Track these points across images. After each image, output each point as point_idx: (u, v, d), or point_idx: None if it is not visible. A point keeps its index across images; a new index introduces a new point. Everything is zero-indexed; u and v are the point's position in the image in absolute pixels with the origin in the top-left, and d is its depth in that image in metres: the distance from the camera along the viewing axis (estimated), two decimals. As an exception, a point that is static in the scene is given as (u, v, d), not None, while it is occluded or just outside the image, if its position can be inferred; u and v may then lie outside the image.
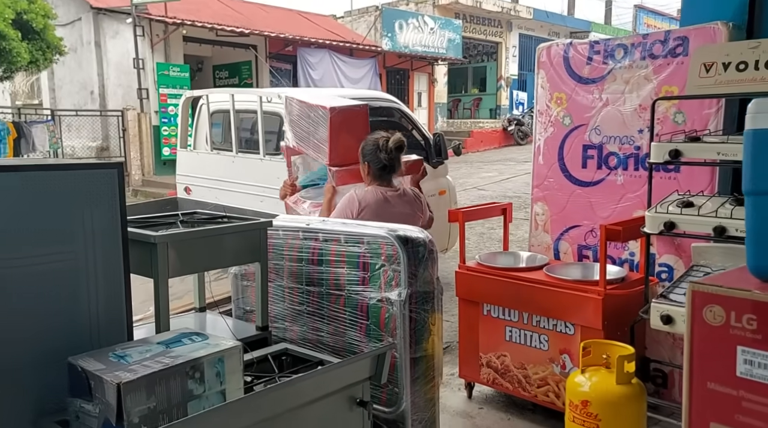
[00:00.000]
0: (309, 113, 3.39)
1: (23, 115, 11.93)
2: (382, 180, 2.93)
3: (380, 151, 2.87)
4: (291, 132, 3.63)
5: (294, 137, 3.60)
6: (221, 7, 16.35)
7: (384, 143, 2.87)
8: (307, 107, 3.44)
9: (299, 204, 3.67)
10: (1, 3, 8.79)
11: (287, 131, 3.71)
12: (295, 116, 3.58)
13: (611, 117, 3.29)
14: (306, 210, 3.58)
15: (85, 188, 1.66)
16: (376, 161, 2.89)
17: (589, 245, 3.48)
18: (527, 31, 22.49)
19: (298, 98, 3.60)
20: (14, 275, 1.56)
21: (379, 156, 2.88)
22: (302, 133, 3.54)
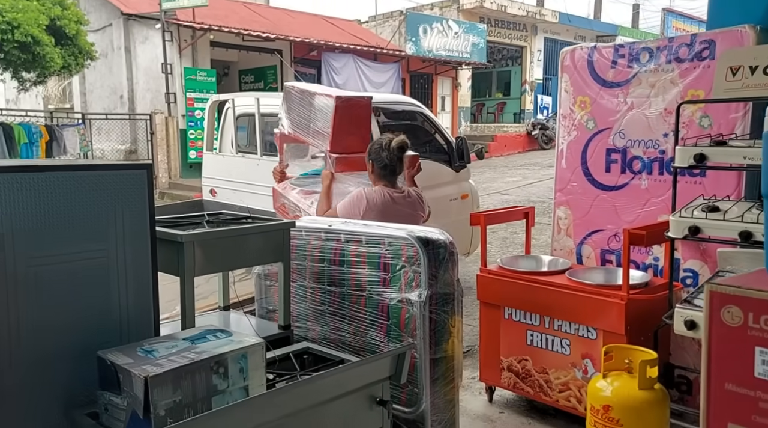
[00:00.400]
0: (312, 101, 3.51)
1: (55, 118, 12.24)
2: (386, 180, 3.03)
3: (383, 150, 2.99)
4: (287, 119, 3.74)
5: (291, 124, 3.71)
6: (248, 13, 16.59)
7: (387, 143, 2.98)
8: (309, 95, 3.54)
9: (288, 191, 3.78)
10: (35, 10, 9.05)
11: (283, 118, 3.82)
12: (294, 105, 3.69)
13: (636, 121, 3.27)
14: (295, 197, 3.70)
15: (116, 188, 1.72)
16: (379, 160, 3.00)
17: (612, 250, 3.45)
18: (552, 35, 22.34)
19: (300, 87, 3.72)
20: (49, 272, 1.62)
21: (381, 155, 2.99)
22: (301, 120, 3.64)
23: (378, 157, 3.01)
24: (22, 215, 1.54)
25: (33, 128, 11.18)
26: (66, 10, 9.89)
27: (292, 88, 3.79)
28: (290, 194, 3.69)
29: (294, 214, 3.65)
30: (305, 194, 3.60)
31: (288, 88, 3.85)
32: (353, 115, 3.37)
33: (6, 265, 1.54)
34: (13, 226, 1.53)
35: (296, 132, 3.69)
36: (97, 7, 14.62)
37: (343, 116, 3.30)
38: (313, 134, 3.52)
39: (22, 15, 8.62)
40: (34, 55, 9.18)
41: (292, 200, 3.71)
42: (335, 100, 3.29)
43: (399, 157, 3.01)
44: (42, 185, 1.56)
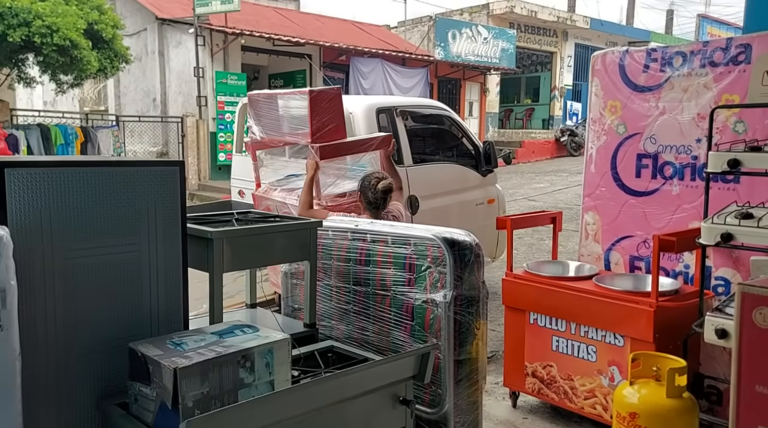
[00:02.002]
0: (282, 102, 3.72)
1: (90, 120, 12.55)
2: (370, 212, 3.44)
3: (370, 190, 3.41)
4: (258, 126, 3.92)
5: (263, 129, 3.89)
6: (279, 18, 16.80)
7: (375, 184, 3.42)
8: (278, 97, 3.76)
9: (270, 192, 3.98)
10: (74, 14, 9.31)
11: (252, 126, 3.99)
12: (263, 110, 3.88)
13: (668, 126, 3.22)
14: (279, 196, 3.88)
15: (149, 184, 1.76)
16: (366, 197, 3.44)
17: (641, 257, 3.40)
18: (583, 41, 22.09)
19: (266, 93, 3.96)
20: (85, 265, 1.66)
21: (368, 194, 3.43)
22: (274, 123, 3.82)
23: (366, 194, 3.45)
24: (59, 209, 1.59)
25: (69, 129, 11.49)
26: (103, 14, 10.14)
27: (257, 95, 4.01)
28: (273, 195, 3.90)
29: (281, 212, 3.80)
30: (288, 192, 3.85)
31: (253, 96, 4.06)
32: (327, 104, 3.58)
33: (44, 257, 1.60)
34: (52, 219, 1.58)
35: (270, 135, 3.89)
36: (133, 11, 14.97)
37: (317, 106, 3.53)
38: (290, 133, 3.74)
39: (61, 19, 8.88)
40: (71, 59, 9.43)
41: (277, 199, 3.89)
42: (308, 93, 3.53)
43: (383, 197, 3.44)
44: (79, 181, 1.61)
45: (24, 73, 10.31)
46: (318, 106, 3.54)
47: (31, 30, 8.75)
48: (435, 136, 5.60)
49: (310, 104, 3.51)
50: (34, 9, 8.70)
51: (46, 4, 8.89)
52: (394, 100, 5.14)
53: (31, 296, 1.57)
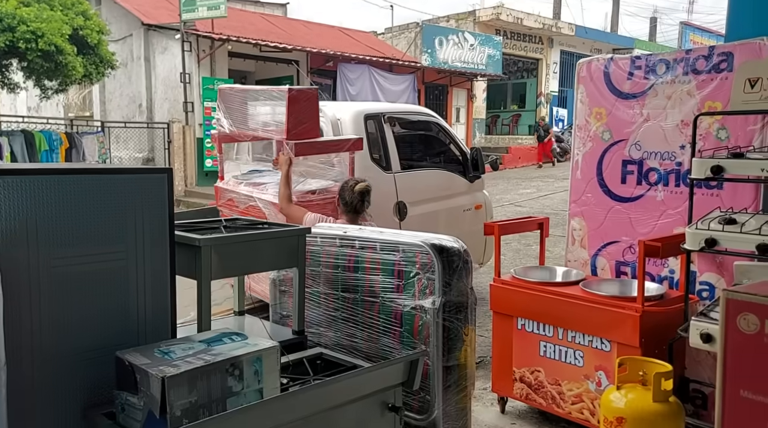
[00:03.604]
0: (259, 98, 3.84)
1: (75, 126, 12.44)
2: (348, 216, 3.50)
3: (347, 191, 3.50)
4: (228, 120, 4.03)
5: (233, 123, 4.01)
6: (266, 24, 16.80)
7: (353, 186, 3.51)
8: (254, 93, 3.90)
9: (235, 186, 4.08)
10: (59, 19, 9.23)
11: (222, 119, 4.11)
12: (234, 104, 3.99)
13: (652, 132, 3.26)
14: (245, 190, 3.99)
15: (136, 192, 1.75)
16: (343, 198, 3.51)
17: (627, 262, 3.43)
18: (569, 48, 22.32)
19: (241, 88, 4.10)
20: (70, 272, 1.65)
21: (345, 195, 3.50)
22: (246, 118, 3.93)
23: (343, 196, 3.53)
24: (45, 217, 1.58)
25: (53, 135, 11.38)
26: (89, 20, 10.08)
27: (230, 89, 4.13)
28: (239, 188, 4.01)
29: (246, 205, 3.97)
30: (253, 186, 3.98)
31: (225, 90, 4.18)
32: (304, 104, 3.68)
33: (30, 266, 1.58)
34: (37, 226, 1.57)
35: (241, 129, 4.00)
36: (119, 17, 14.89)
37: (295, 105, 3.63)
38: (264, 128, 3.84)
39: (46, 25, 8.80)
40: (56, 64, 9.35)
41: (242, 193, 3.99)
42: (288, 91, 3.60)
43: (360, 199, 3.50)
44: (64, 188, 1.60)
45: (7, 79, 10.20)
46: (296, 104, 3.64)
47: (15, 35, 8.67)
48: (423, 142, 5.62)
49: (288, 102, 3.62)
50: (18, 14, 8.62)
51: (30, 9, 8.82)
52: (382, 107, 5.16)
53: (16, 305, 1.56)
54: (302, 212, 3.57)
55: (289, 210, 3.60)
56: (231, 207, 4.15)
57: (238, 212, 4.09)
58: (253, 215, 3.92)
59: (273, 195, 3.83)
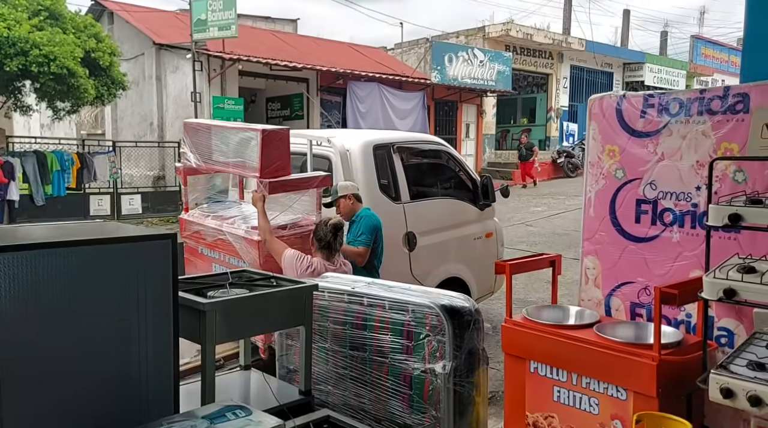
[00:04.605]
0: (229, 135, 3.95)
1: (87, 146, 12.53)
2: (322, 253, 3.58)
3: (322, 225, 3.59)
4: (195, 154, 4.13)
5: (201, 158, 4.11)
6: (276, 42, 16.91)
7: (326, 222, 3.60)
8: (224, 130, 4.02)
9: (202, 218, 4.13)
10: (72, 43, 9.32)
11: (188, 153, 4.20)
12: (202, 139, 4.11)
13: (667, 172, 3.19)
14: (213, 224, 4.04)
15: (139, 258, 1.72)
16: (317, 234, 3.59)
17: (642, 303, 3.35)
18: (579, 63, 22.27)
19: (208, 123, 4.24)
20: (72, 344, 1.61)
21: (319, 231, 3.58)
22: (215, 153, 4.04)
23: (317, 231, 3.61)
24: (45, 291, 1.54)
25: (65, 155, 11.47)
26: (101, 42, 10.17)
27: (197, 124, 4.21)
28: (206, 221, 4.08)
29: (215, 238, 4.01)
30: (221, 219, 4.06)
31: (192, 124, 4.25)
32: (277, 143, 3.78)
33: (29, 341, 1.54)
34: (38, 302, 1.53)
35: (209, 164, 4.10)
36: (131, 36, 15.06)
37: (268, 145, 3.71)
38: (235, 165, 3.94)
39: (58, 48, 8.89)
40: (68, 87, 9.43)
41: (211, 226, 4.04)
42: (261, 132, 3.70)
43: (333, 234, 3.57)
44: (66, 261, 1.56)
45: (20, 101, 10.31)
46: (269, 144, 3.74)
47: (28, 59, 8.76)
48: (432, 171, 5.58)
49: (262, 142, 3.71)
50: (31, 38, 8.71)
51: (43, 33, 8.91)
52: (391, 136, 5.13)
53: (13, 380, 1.52)
54: (283, 247, 3.63)
55: (272, 244, 3.65)
56: (198, 240, 4.21)
57: (206, 244, 4.16)
58: (221, 248, 4.01)
59: (244, 230, 3.90)
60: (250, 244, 3.81)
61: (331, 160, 4.85)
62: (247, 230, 3.89)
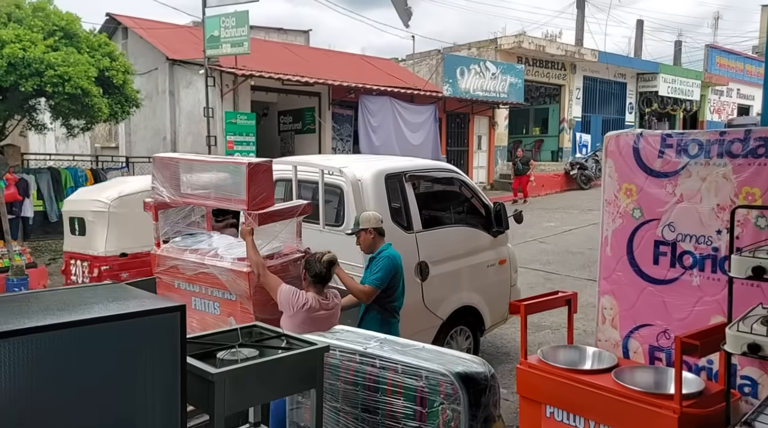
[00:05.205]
0: (210, 169, 4.01)
1: (100, 162, 12.62)
2: (316, 288, 3.59)
3: (316, 262, 3.58)
4: (168, 188, 4.16)
5: (175, 192, 4.14)
6: (288, 55, 16.95)
7: (320, 257, 3.60)
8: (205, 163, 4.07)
9: (179, 252, 4.13)
10: (86, 62, 9.40)
11: (159, 187, 4.22)
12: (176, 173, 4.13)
13: (686, 214, 3.12)
14: (193, 258, 4.03)
15: (147, 334, 1.68)
16: (312, 269, 3.59)
17: (662, 347, 3.27)
18: (592, 73, 22.13)
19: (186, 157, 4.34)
20: (75, 423, 1.57)
21: (313, 266, 3.58)
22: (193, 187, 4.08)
23: (311, 268, 3.60)
24: (49, 373, 1.51)
25: (79, 172, 11.56)
26: (115, 61, 10.25)
27: (169, 159, 4.26)
28: (185, 255, 4.09)
29: (196, 272, 4.00)
30: (202, 253, 4.05)
31: (164, 159, 4.29)
32: (262, 175, 3.86)
33: (29, 420, 1.51)
34: (43, 383, 1.50)
35: (185, 198, 4.14)
36: (145, 51, 15.16)
37: (254, 177, 3.77)
38: (217, 198, 3.99)
39: (73, 68, 8.96)
40: (82, 106, 9.50)
41: (191, 260, 4.04)
42: (247, 166, 3.77)
43: (328, 269, 3.60)
44: (71, 342, 1.53)
45: (35, 121, 10.41)
46: (255, 177, 3.81)
47: (43, 80, 8.84)
48: (445, 199, 5.52)
49: (248, 175, 3.77)
50: (46, 59, 8.79)
51: (58, 53, 8.99)
52: (404, 165, 5.08)
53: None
54: (277, 282, 3.64)
55: (266, 278, 3.66)
56: (174, 275, 4.18)
57: (185, 279, 4.13)
58: (204, 281, 4.01)
59: (230, 261, 3.90)
60: (238, 276, 3.82)
61: (343, 189, 4.80)
62: (234, 262, 3.90)
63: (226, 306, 3.98)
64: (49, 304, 1.63)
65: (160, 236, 4.39)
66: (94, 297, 1.73)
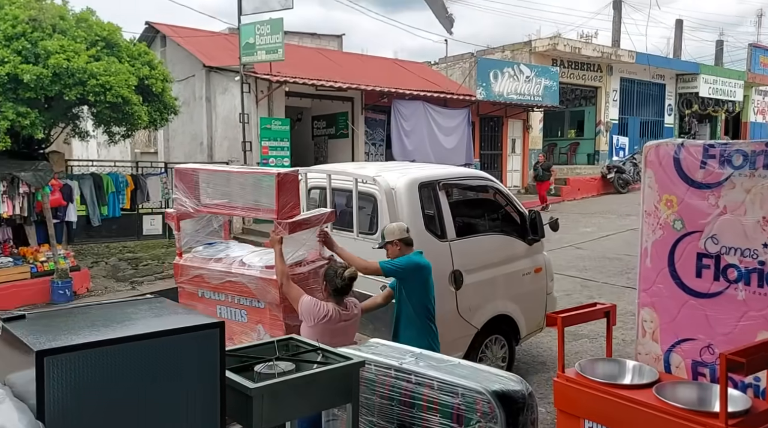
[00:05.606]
0: (237, 179, 4.07)
1: (140, 168, 12.92)
2: (336, 299, 3.64)
3: (337, 277, 3.61)
4: (191, 199, 4.23)
5: (198, 202, 4.20)
6: (322, 60, 17.11)
7: (341, 272, 3.64)
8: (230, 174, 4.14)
9: (204, 262, 4.19)
10: (126, 71, 9.63)
11: (180, 198, 4.27)
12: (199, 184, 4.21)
13: (730, 226, 3.03)
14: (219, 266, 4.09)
15: (188, 347, 1.71)
16: (333, 284, 3.63)
17: (705, 363, 3.17)
18: (629, 75, 21.69)
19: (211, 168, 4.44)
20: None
21: (335, 281, 3.62)
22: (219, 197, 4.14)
23: (332, 281, 3.63)
24: (96, 388, 1.55)
25: (120, 177, 11.86)
26: (154, 69, 10.47)
27: (192, 170, 4.33)
28: (210, 265, 4.16)
29: (223, 281, 4.06)
30: (229, 262, 4.12)
31: (186, 170, 4.34)
32: (290, 185, 3.95)
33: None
34: (89, 400, 1.54)
35: (210, 208, 4.22)
36: (182, 59, 15.50)
37: (283, 187, 3.85)
38: (245, 208, 4.07)
39: (114, 78, 9.19)
40: (123, 114, 9.74)
41: (217, 270, 4.10)
42: (276, 175, 3.85)
43: (350, 284, 3.66)
44: (116, 359, 1.57)
45: (78, 128, 10.72)
46: (284, 186, 3.88)
47: (85, 89, 9.09)
48: (479, 207, 5.49)
49: (278, 185, 3.84)
50: (89, 69, 9.04)
51: (100, 63, 9.23)
52: (437, 173, 5.06)
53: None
54: (299, 292, 3.69)
55: (289, 288, 3.72)
56: (199, 284, 4.24)
57: (210, 288, 4.19)
58: (231, 290, 4.07)
59: (259, 270, 3.97)
60: (268, 284, 3.87)
61: (377, 198, 4.82)
62: (262, 270, 3.96)
63: (254, 314, 4.03)
64: (94, 320, 1.68)
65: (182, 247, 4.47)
66: (137, 313, 1.77)
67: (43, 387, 1.46)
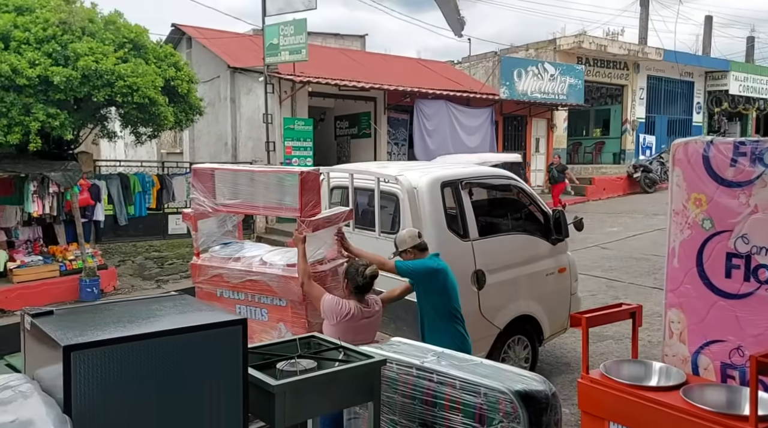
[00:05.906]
0: (258, 178, 4.08)
1: (166, 168, 13.11)
2: (357, 297, 3.66)
3: (359, 275, 3.63)
4: (208, 198, 4.23)
5: (216, 202, 4.21)
6: (345, 60, 17.16)
7: (362, 270, 3.65)
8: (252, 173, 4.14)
9: (224, 262, 4.19)
10: (153, 73, 9.79)
11: (198, 198, 4.27)
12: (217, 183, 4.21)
13: (762, 226, 2.95)
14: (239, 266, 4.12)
15: (212, 344, 1.73)
16: (354, 282, 3.65)
17: (735, 365, 3.10)
18: (656, 73, 21.32)
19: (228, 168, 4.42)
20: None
21: (357, 279, 3.64)
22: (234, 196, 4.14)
23: (353, 279, 3.65)
24: (122, 383, 1.57)
25: (146, 177, 12.05)
26: (180, 70, 10.61)
27: (210, 169, 4.32)
28: (229, 264, 4.17)
29: (243, 280, 4.08)
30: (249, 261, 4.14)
31: (204, 170, 4.33)
32: (311, 184, 3.96)
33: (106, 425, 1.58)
34: (114, 395, 1.57)
35: (230, 208, 4.23)
36: (207, 60, 15.69)
37: (306, 186, 3.88)
38: (266, 207, 4.10)
39: (141, 79, 9.35)
40: (150, 115, 9.90)
41: (236, 269, 4.12)
42: (299, 174, 3.87)
43: (371, 282, 3.68)
44: (141, 354, 1.59)
45: (106, 129, 10.92)
46: (306, 185, 3.90)
47: (113, 90, 9.26)
48: (501, 206, 5.45)
49: (301, 184, 3.86)
50: (116, 70, 9.21)
51: (128, 65, 9.39)
52: (459, 172, 5.03)
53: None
54: (320, 291, 3.71)
55: (310, 287, 3.74)
56: (218, 283, 4.25)
57: (229, 287, 4.20)
58: (251, 289, 4.08)
59: (281, 268, 3.99)
60: (291, 282, 3.88)
61: (399, 197, 4.81)
62: (284, 268, 3.97)
63: (275, 313, 4.05)
64: (120, 316, 1.70)
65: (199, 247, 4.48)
66: (161, 310, 1.80)
67: (70, 382, 1.49)
